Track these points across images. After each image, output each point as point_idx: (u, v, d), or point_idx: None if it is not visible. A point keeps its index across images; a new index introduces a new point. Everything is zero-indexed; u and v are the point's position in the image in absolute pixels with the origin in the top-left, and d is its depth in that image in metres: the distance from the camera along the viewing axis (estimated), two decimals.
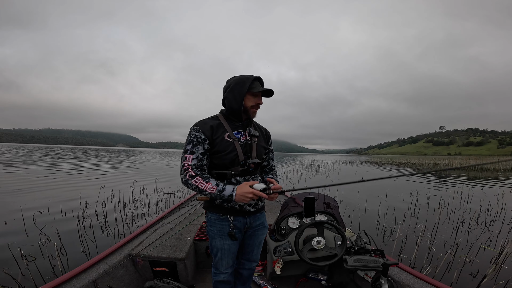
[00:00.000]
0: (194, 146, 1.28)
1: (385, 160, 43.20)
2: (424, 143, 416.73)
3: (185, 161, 1.27)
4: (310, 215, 1.68)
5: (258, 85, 1.37)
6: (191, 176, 1.24)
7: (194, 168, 1.26)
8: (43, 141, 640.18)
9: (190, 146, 1.29)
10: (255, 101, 1.37)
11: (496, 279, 2.57)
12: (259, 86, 1.37)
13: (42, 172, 11.57)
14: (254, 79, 1.36)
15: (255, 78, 1.37)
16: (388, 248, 3.39)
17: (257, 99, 1.38)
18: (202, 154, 1.28)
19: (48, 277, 2.48)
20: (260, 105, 1.40)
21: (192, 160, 1.26)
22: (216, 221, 1.38)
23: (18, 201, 5.50)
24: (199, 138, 1.29)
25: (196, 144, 1.28)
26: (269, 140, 1.57)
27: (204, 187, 1.22)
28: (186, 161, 1.26)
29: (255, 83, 1.37)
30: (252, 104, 1.37)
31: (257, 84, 1.37)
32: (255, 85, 1.36)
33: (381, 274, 1.57)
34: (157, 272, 2.00)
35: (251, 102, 1.37)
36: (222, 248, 1.40)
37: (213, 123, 1.35)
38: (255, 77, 1.37)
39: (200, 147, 1.28)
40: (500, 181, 12.39)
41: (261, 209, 1.49)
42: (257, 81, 1.38)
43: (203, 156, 1.29)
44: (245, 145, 1.38)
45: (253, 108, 1.38)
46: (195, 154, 1.27)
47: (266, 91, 1.37)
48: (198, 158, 1.27)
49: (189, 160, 1.26)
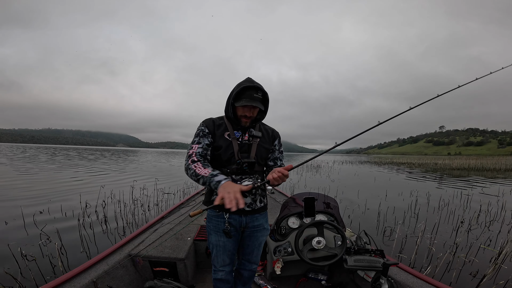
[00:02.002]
0: (201, 137, 1.37)
1: (385, 160, 43.21)
2: (424, 143, 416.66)
3: (191, 149, 1.35)
4: (310, 215, 1.68)
5: (248, 95, 1.30)
6: (193, 161, 1.30)
7: (198, 155, 1.32)
8: (43, 141, 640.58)
9: (197, 137, 1.38)
10: (243, 112, 1.35)
11: (496, 279, 2.57)
12: (248, 97, 1.30)
13: (42, 172, 11.57)
14: (244, 88, 1.30)
15: (246, 87, 1.30)
16: (388, 248, 3.39)
17: (245, 111, 1.34)
18: (207, 145, 1.36)
19: (48, 276, 2.48)
20: (250, 116, 1.35)
21: (197, 148, 1.34)
22: (213, 217, 1.42)
23: (18, 201, 5.51)
24: (204, 131, 1.38)
25: (202, 136, 1.37)
26: (275, 141, 1.53)
27: (200, 172, 1.25)
28: (192, 149, 1.34)
29: (246, 93, 1.30)
30: (241, 114, 1.36)
31: (248, 94, 1.30)
32: (245, 96, 1.30)
33: (381, 274, 1.57)
34: (157, 272, 2.00)
35: (240, 112, 1.36)
36: (217, 244, 1.42)
37: (217, 121, 1.43)
38: (248, 86, 1.30)
39: (206, 139, 1.37)
40: (500, 181, 12.40)
41: (259, 210, 1.46)
42: (250, 90, 1.30)
43: (208, 147, 1.37)
44: (243, 145, 1.39)
45: (242, 118, 1.37)
46: (201, 144, 1.36)
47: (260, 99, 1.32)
48: (203, 147, 1.35)
49: (195, 148, 1.34)
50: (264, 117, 1.46)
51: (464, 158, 38.66)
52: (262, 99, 1.35)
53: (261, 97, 1.34)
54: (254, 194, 1.41)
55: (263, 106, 1.35)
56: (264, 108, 1.37)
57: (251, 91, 1.30)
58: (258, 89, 1.31)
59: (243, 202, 1.09)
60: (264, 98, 1.37)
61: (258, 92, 1.31)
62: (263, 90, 1.33)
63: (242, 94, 1.31)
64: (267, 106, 1.41)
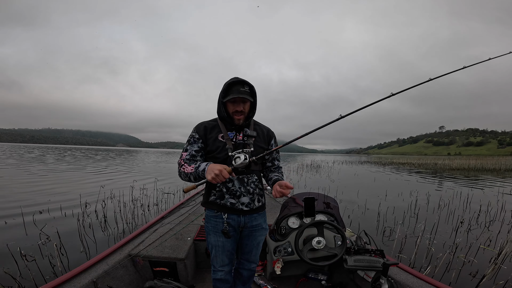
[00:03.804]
0: (190, 144, 1.42)
1: (385, 160, 43.21)
2: (424, 143, 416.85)
3: (181, 158, 1.41)
4: (310, 215, 1.68)
5: (235, 90, 1.31)
6: (180, 165, 1.37)
7: (186, 161, 1.38)
8: (43, 141, 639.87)
9: (186, 144, 1.43)
10: (234, 107, 1.36)
11: (495, 279, 2.57)
12: (235, 92, 1.31)
13: (42, 172, 11.56)
14: (230, 84, 1.32)
15: (232, 83, 1.32)
16: (388, 248, 3.40)
17: (236, 106, 1.35)
18: (196, 151, 1.40)
19: (48, 277, 2.48)
20: (241, 111, 1.35)
21: (185, 156, 1.40)
22: (211, 218, 1.43)
23: (18, 201, 5.50)
24: (194, 137, 1.42)
25: (192, 143, 1.42)
26: (271, 140, 1.53)
27: (187, 170, 1.31)
28: (181, 158, 1.40)
29: (233, 89, 1.32)
30: (233, 111, 1.37)
31: (235, 89, 1.31)
32: (232, 91, 1.32)
33: (381, 274, 1.57)
34: (157, 272, 2.00)
35: (231, 109, 1.37)
36: (216, 244, 1.43)
37: (209, 124, 1.45)
38: (233, 81, 1.32)
39: (195, 145, 1.41)
40: (500, 181, 12.40)
41: (257, 210, 1.46)
42: (237, 85, 1.32)
43: (197, 153, 1.40)
44: (238, 145, 1.40)
45: (234, 115, 1.37)
46: (189, 151, 1.40)
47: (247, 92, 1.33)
48: (191, 154, 1.40)
49: (183, 156, 1.40)
50: (255, 112, 1.46)
51: (464, 158, 38.67)
52: (250, 92, 1.37)
53: (248, 91, 1.35)
54: (239, 172, 1.37)
55: (251, 98, 1.36)
56: (252, 99, 1.38)
57: (238, 86, 1.33)
58: (244, 83, 1.34)
59: (226, 173, 1.19)
60: (252, 92, 1.38)
61: (244, 86, 1.33)
62: (250, 84, 1.35)
63: (229, 90, 1.34)
64: (255, 99, 1.41)
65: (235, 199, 1.38)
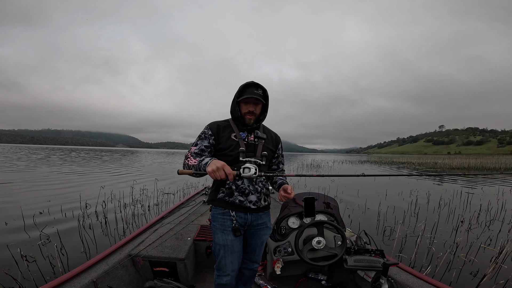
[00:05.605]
0: (201, 139, 1.43)
1: (385, 159, 43.22)
2: (424, 142, 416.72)
3: (189, 151, 1.41)
4: (310, 215, 1.68)
5: (249, 91, 1.41)
6: (186, 158, 1.35)
7: (193, 155, 1.37)
8: (42, 141, 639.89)
9: (197, 139, 1.45)
10: (246, 108, 1.44)
11: (496, 278, 2.57)
12: (249, 92, 1.40)
13: (42, 173, 11.56)
14: (246, 86, 1.41)
15: (248, 85, 1.41)
16: (388, 248, 3.39)
17: (249, 106, 1.43)
18: (206, 146, 1.41)
19: (48, 277, 2.47)
20: (253, 112, 1.43)
21: (194, 150, 1.39)
22: (218, 215, 1.43)
23: (18, 202, 5.50)
24: (207, 134, 1.44)
25: (203, 138, 1.43)
26: (278, 145, 1.61)
27: (191, 163, 1.30)
28: (189, 151, 1.40)
29: (248, 90, 1.41)
30: (245, 111, 1.44)
31: (249, 90, 1.41)
32: (246, 92, 1.41)
33: (381, 274, 1.57)
34: (157, 272, 2.01)
35: (244, 109, 1.44)
36: (224, 244, 1.40)
37: (222, 124, 1.50)
38: (248, 84, 1.41)
39: (206, 141, 1.42)
40: (500, 180, 12.40)
41: (263, 208, 1.50)
42: (251, 87, 1.42)
43: (206, 148, 1.41)
44: (250, 145, 1.45)
45: (247, 115, 1.45)
46: (199, 145, 1.41)
47: (260, 95, 1.41)
48: (200, 148, 1.40)
49: (191, 150, 1.40)
50: (265, 116, 1.54)
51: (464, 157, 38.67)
52: (263, 96, 1.45)
53: (261, 93, 1.44)
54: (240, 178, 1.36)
55: (263, 100, 1.45)
56: (265, 102, 1.46)
57: (252, 88, 1.42)
58: (258, 86, 1.43)
59: (228, 169, 1.16)
60: (264, 95, 1.46)
61: (258, 89, 1.43)
62: (263, 88, 1.44)
63: (244, 91, 1.43)
64: (267, 103, 1.49)
65: (244, 196, 1.42)
